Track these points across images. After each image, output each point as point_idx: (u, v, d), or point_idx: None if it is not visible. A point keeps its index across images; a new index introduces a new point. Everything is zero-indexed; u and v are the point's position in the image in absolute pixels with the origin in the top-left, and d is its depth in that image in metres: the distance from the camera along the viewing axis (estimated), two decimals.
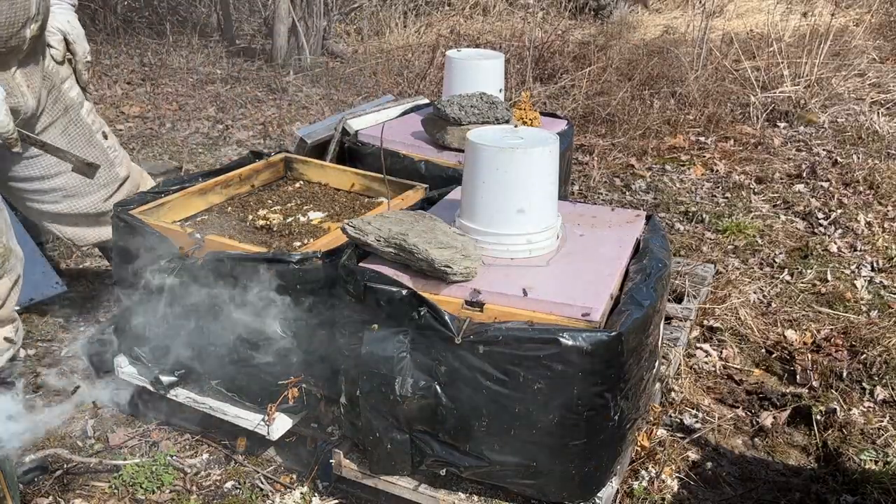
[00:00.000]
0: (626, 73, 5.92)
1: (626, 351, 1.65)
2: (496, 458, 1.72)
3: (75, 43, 2.36)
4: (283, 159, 2.61)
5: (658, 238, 2.04)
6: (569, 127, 2.96)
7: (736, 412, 2.46)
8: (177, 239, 2.03)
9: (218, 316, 1.98)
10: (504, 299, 1.71)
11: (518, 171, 1.81)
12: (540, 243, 1.88)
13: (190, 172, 2.63)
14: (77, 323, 2.82)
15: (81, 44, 2.37)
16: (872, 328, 2.79)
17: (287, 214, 2.31)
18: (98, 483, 2.10)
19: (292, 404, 2.01)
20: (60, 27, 2.33)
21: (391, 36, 7.27)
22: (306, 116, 5.24)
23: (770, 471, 2.22)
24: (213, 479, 2.13)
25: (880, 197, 4.05)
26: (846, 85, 5.66)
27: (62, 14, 2.34)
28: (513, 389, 1.64)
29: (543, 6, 7.96)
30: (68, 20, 2.35)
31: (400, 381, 1.70)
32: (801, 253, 3.50)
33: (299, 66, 6.35)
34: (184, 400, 2.15)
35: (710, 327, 2.86)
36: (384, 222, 1.81)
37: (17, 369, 2.49)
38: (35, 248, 2.97)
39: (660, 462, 2.18)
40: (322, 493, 2.07)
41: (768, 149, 4.79)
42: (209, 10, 7.81)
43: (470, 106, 2.64)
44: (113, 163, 2.52)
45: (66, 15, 2.35)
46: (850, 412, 2.40)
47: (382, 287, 1.70)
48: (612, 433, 1.73)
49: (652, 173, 4.43)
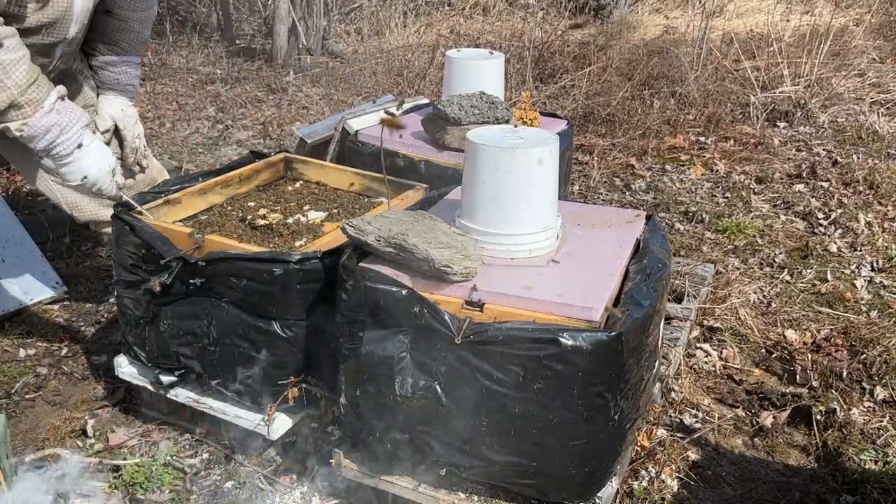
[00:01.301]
0: (626, 73, 5.92)
1: (626, 351, 1.65)
2: (496, 458, 1.72)
3: (125, 129, 2.47)
4: (283, 159, 2.61)
5: (658, 238, 2.04)
6: (569, 127, 2.96)
7: (736, 412, 2.46)
8: (177, 239, 2.03)
9: (219, 315, 1.98)
10: (504, 299, 1.70)
11: (518, 170, 1.80)
12: (540, 243, 1.88)
13: (190, 172, 2.62)
14: (77, 323, 2.82)
15: (130, 131, 2.49)
16: (872, 328, 2.79)
17: (287, 214, 2.31)
18: (98, 483, 2.10)
19: (292, 404, 2.01)
20: (113, 114, 2.45)
21: (391, 36, 7.27)
22: (306, 116, 5.24)
23: (770, 471, 2.22)
24: (213, 479, 2.13)
25: (880, 197, 4.05)
26: (846, 85, 5.66)
27: (117, 102, 2.48)
28: (513, 389, 1.64)
29: (543, 6, 7.96)
30: (122, 108, 2.47)
31: (400, 381, 1.70)
32: (801, 253, 3.50)
33: (299, 65, 6.35)
34: (184, 400, 2.15)
35: (710, 327, 2.86)
36: (384, 222, 1.81)
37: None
38: (35, 248, 2.97)
39: (660, 462, 2.18)
40: (322, 493, 2.07)
41: (768, 149, 4.79)
42: (209, 10, 7.82)
43: (470, 106, 2.64)
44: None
45: (121, 103, 2.48)
46: (850, 412, 2.40)
47: (382, 287, 1.70)
48: (612, 433, 1.73)
49: (652, 173, 4.43)
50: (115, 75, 2.48)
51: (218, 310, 1.97)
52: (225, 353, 2.01)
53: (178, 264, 1.97)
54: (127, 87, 2.51)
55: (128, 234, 2.06)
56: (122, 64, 2.48)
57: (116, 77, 2.48)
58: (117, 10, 2.39)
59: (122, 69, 2.48)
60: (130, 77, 2.51)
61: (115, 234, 2.14)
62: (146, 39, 2.55)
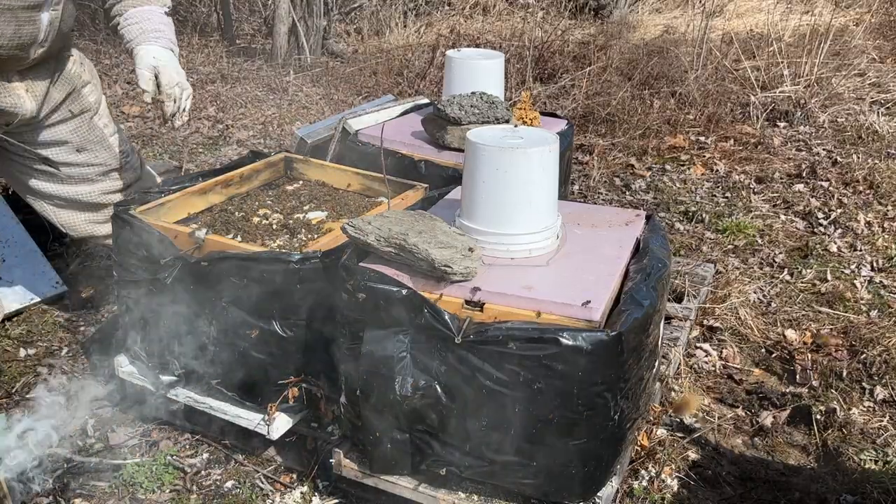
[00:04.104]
0: (626, 73, 5.92)
1: (626, 351, 1.65)
2: (496, 458, 1.72)
3: (160, 75, 2.30)
4: (284, 159, 2.61)
5: (658, 238, 2.04)
6: (569, 127, 2.96)
7: (736, 412, 2.47)
8: (177, 239, 2.03)
9: (219, 315, 1.98)
10: (504, 299, 1.71)
11: (518, 171, 1.81)
12: (540, 243, 1.88)
13: (190, 172, 2.62)
14: (77, 323, 2.82)
15: (166, 74, 2.31)
16: (872, 328, 2.79)
17: (287, 214, 2.31)
18: (98, 483, 2.10)
19: (292, 404, 2.01)
20: (149, 62, 2.29)
21: (391, 36, 7.26)
22: (306, 116, 5.24)
23: (770, 470, 2.22)
24: (213, 478, 2.13)
25: (880, 196, 4.05)
26: (846, 85, 5.66)
27: (152, 48, 2.31)
28: (513, 389, 1.64)
29: (543, 6, 7.95)
30: (154, 55, 2.30)
31: (400, 381, 1.70)
32: (800, 253, 3.50)
33: (299, 65, 6.34)
34: (184, 400, 2.15)
35: (710, 327, 2.86)
36: (384, 222, 1.81)
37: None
38: (35, 248, 2.97)
39: (660, 462, 2.18)
40: (322, 493, 2.07)
41: (768, 148, 4.79)
42: (209, 9, 7.81)
43: (470, 106, 2.64)
44: (122, 167, 2.62)
45: (155, 50, 2.31)
46: (850, 412, 2.40)
47: (382, 287, 1.70)
48: (612, 433, 1.73)
49: (652, 173, 4.43)
50: (139, 24, 2.30)
51: (218, 310, 1.97)
52: (225, 353, 2.01)
53: (178, 264, 1.98)
54: (153, 34, 2.32)
55: (128, 234, 2.06)
56: (139, 15, 2.31)
57: (141, 26, 2.30)
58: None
59: (143, 17, 2.31)
60: (154, 24, 2.32)
61: (115, 233, 2.14)
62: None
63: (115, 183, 2.60)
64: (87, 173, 2.54)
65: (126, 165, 2.63)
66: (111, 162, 2.57)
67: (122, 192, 2.62)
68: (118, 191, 2.61)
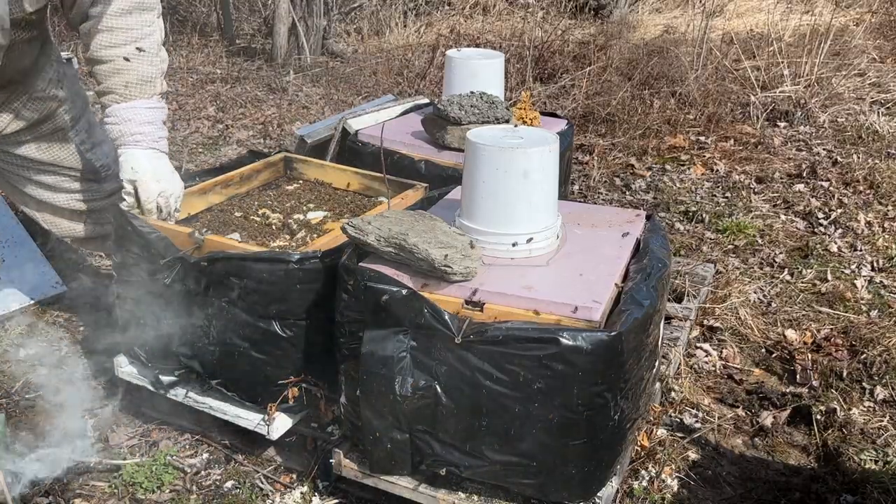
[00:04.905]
0: (626, 73, 5.92)
1: (626, 351, 1.65)
2: (496, 458, 1.72)
3: (139, 190, 2.11)
4: (283, 159, 2.61)
5: (658, 238, 2.04)
6: (569, 127, 2.96)
7: (736, 412, 2.46)
8: (177, 239, 2.03)
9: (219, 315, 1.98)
10: (504, 299, 1.70)
11: (518, 171, 1.80)
12: (540, 243, 1.88)
13: (190, 172, 2.62)
14: (77, 323, 2.82)
15: (144, 189, 2.10)
16: (872, 328, 2.79)
17: (287, 214, 2.31)
18: (98, 483, 2.10)
19: (292, 404, 2.01)
20: (128, 175, 2.11)
21: (391, 36, 7.27)
22: (306, 116, 5.24)
23: (770, 471, 2.22)
24: (213, 478, 2.13)
25: (880, 197, 4.05)
26: (846, 84, 5.66)
27: (131, 155, 2.10)
28: (513, 389, 1.64)
29: (543, 6, 7.95)
30: (133, 166, 2.10)
31: (400, 381, 1.70)
32: (801, 253, 3.50)
33: (299, 65, 6.34)
34: (184, 400, 2.15)
35: (710, 327, 2.86)
36: (384, 222, 1.81)
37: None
38: (35, 249, 2.97)
39: (660, 462, 2.18)
40: (322, 493, 2.07)
41: (768, 148, 4.79)
42: (209, 9, 7.81)
43: (470, 106, 2.64)
44: (104, 178, 2.48)
45: (134, 159, 2.10)
46: (850, 412, 2.40)
47: (382, 287, 1.70)
48: (612, 433, 1.73)
49: (652, 173, 4.43)
50: (119, 126, 2.09)
51: (218, 310, 1.97)
52: (225, 353, 2.01)
53: (178, 264, 1.97)
54: (133, 136, 2.09)
55: (128, 234, 2.06)
56: (120, 114, 2.09)
57: (120, 128, 2.09)
58: (93, 51, 2.07)
59: (124, 116, 2.09)
60: (136, 125, 2.09)
61: (115, 233, 2.13)
62: (151, 76, 2.12)
63: (92, 193, 2.50)
64: (61, 182, 2.44)
65: (108, 176, 2.49)
66: (88, 175, 2.46)
67: (103, 199, 2.51)
68: (98, 199, 2.51)
